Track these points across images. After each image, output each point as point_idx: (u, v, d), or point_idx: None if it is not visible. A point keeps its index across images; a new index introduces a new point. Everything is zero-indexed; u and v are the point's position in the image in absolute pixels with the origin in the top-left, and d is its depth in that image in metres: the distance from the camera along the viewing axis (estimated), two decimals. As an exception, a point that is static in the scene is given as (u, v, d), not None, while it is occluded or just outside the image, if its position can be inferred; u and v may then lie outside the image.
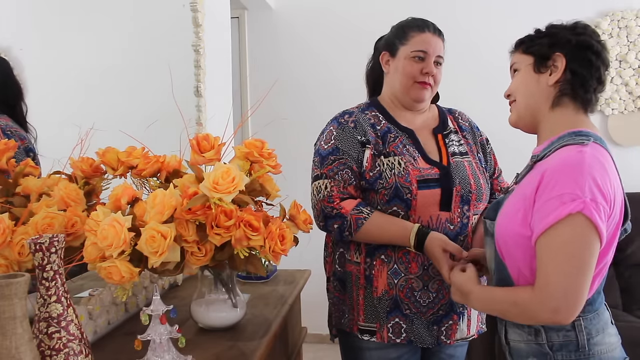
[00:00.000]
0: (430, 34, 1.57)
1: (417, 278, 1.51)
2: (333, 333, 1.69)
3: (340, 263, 1.61)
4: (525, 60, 1.26)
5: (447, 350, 1.63)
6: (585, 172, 1.08)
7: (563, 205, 1.07)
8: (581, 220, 1.06)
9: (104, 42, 1.81)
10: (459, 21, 3.44)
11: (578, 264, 1.07)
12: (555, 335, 1.19)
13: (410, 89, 1.57)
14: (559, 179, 1.10)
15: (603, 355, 1.19)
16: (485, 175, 1.63)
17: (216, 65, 2.31)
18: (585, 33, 1.23)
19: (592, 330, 1.19)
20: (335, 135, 1.57)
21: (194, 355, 1.16)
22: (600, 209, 1.07)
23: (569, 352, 1.18)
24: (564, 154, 1.14)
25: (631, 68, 3.38)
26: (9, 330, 0.87)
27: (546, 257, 1.09)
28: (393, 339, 1.53)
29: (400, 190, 1.49)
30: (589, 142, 1.15)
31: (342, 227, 1.50)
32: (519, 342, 1.25)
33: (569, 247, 1.07)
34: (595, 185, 1.08)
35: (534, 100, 1.25)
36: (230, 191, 1.13)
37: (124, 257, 1.10)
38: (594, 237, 1.07)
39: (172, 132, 1.51)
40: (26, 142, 1.43)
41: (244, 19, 3.66)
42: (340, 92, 3.33)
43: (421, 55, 1.55)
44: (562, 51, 1.21)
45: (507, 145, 2.45)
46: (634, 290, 3.15)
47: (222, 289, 1.36)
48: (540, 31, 1.27)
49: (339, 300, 1.63)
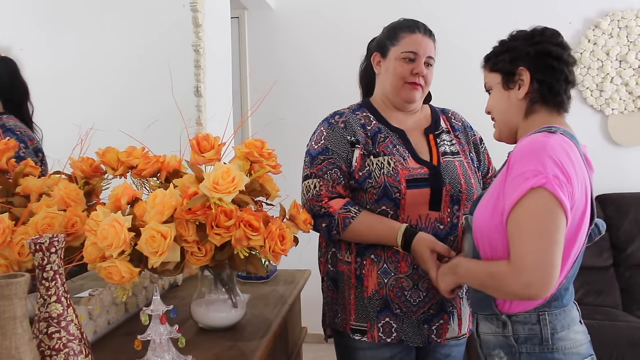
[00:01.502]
0: (421, 34, 1.57)
1: (407, 277, 1.51)
2: (327, 333, 1.69)
3: (332, 263, 1.61)
4: (494, 78, 1.33)
5: (443, 350, 1.62)
6: (548, 152, 1.14)
7: (526, 181, 1.12)
8: (544, 194, 1.11)
9: (104, 42, 1.81)
10: (453, 22, 3.45)
11: (546, 238, 1.11)
12: (521, 328, 1.23)
13: (400, 90, 1.58)
14: (522, 158, 1.16)
15: (567, 350, 1.22)
16: (478, 175, 1.63)
17: (216, 65, 2.31)
18: (542, 41, 1.26)
19: (557, 325, 1.22)
20: (325, 136, 1.57)
21: (194, 355, 1.16)
22: (563, 186, 1.12)
23: (533, 345, 1.22)
24: (529, 139, 1.21)
25: (631, 68, 3.38)
26: (9, 330, 0.87)
27: (515, 232, 1.13)
28: (383, 338, 1.53)
29: (389, 189, 1.49)
30: (557, 132, 1.20)
31: (330, 226, 1.50)
32: (488, 334, 1.29)
33: (534, 220, 1.11)
34: (556, 165, 1.13)
35: (508, 116, 1.32)
36: (230, 191, 1.13)
37: (124, 257, 1.10)
38: (558, 210, 1.11)
39: (172, 132, 1.51)
40: (35, 142, 1.43)
41: (244, 19, 3.66)
42: (340, 92, 3.31)
43: (411, 56, 1.56)
44: (524, 64, 1.26)
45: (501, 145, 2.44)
46: (634, 290, 3.15)
47: (222, 289, 1.36)
48: (502, 44, 1.32)
49: (332, 299, 1.63)
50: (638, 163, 3.42)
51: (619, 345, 2.56)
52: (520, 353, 1.23)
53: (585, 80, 3.43)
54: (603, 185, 3.28)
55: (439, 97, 1.79)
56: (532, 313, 1.22)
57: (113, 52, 1.83)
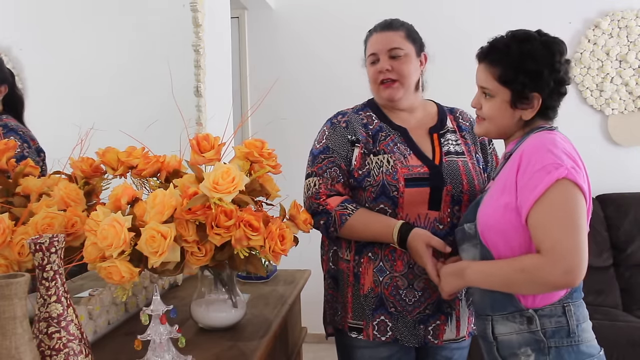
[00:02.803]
0: (377, 33, 1.61)
1: (402, 276, 1.51)
2: (328, 331, 1.69)
3: (334, 261, 1.62)
4: (502, 93, 1.30)
5: (443, 352, 1.61)
6: (559, 146, 1.21)
7: (549, 175, 1.16)
8: (568, 183, 1.16)
9: (104, 42, 1.81)
10: (456, 20, 3.44)
11: (576, 224, 1.15)
12: (547, 321, 1.22)
13: (377, 92, 1.61)
14: (537, 155, 1.20)
15: (588, 342, 1.23)
16: (483, 177, 1.62)
17: (216, 65, 2.31)
18: (561, 69, 1.27)
19: (580, 316, 1.24)
20: (327, 135, 1.59)
21: (194, 355, 1.16)
22: (580, 174, 1.18)
23: (561, 338, 1.22)
24: (536, 137, 1.26)
25: (631, 68, 3.38)
26: (9, 330, 0.87)
27: (544, 223, 1.16)
28: (378, 337, 1.53)
29: (387, 187, 1.49)
30: (556, 130, 1.29)
31: (328, 223, 1.51)
32: (509, 334, 1.26)
33: (564, 209, 1.15)
34: (569, 157, 1.19)
35: (507, 129, 1.34)
36: (230, 191, 1.13)
37: (124, 257, 1.10)
38: (580, 197, 1.17)
39: (172, 132, 1.51)
40: (37, 142, 1.44)
41: (244, 19, 3.66)
42: (340, 92, 3.32)
43: (372, 58, 1.60)
44: (541, 92, 1.27)
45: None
46: (634, 290, 3.15)
47: (222, 289, 1.36)
48: (521, 59, 1.26)
49: (332, 297, 1.64)
50: (638, 163, 3.42)
51: (619, 345, 2.56)
52: (549, 347, 1.21)
53: (585, 80, 3.43)
54: (603, 185, 3.28)
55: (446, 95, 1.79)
56: (557, 305, 1.22)
57: (113, 52, 1.83)
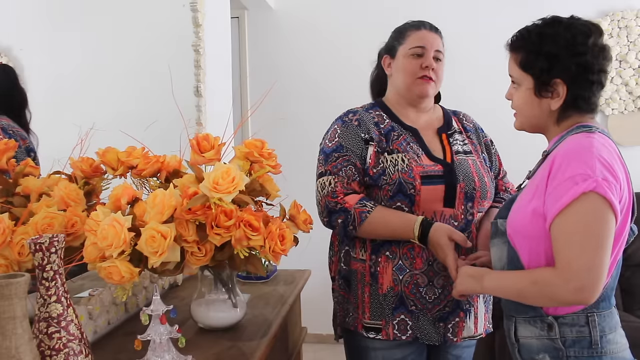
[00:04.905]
0: (427, 30, 1.60)
1: (422, 274, 1.51)
2: (338, 333, 1.69)
3: (345, 261, 1.61)
4: (525, 80, 1.24)
5: (454, 351, 1.62)
6: (594, 154, 1.11)
7: (576, 186, 1.09)
8: (595, 197, 1.08)
9: (104, 42, 1.81)
10: (452, 22, 3.43)
11: (597, 241, 1.08)
12: (568, 330, 1.18)
13: (412, 85, 1.59)
14: (569, 162, 1.12)
15: (615, 354, 1.18)
16: (490, 175, 1.64)
17: (216, 65, 2.31)
18: (585, 52, 1.17)
19: (605, 327, 1.18)
20: (339, 133, 1.59)
21: (194, 355, 1.16)
22: (612, 187, 1.09)
23: (582, 349, 1.17)
24: (572, 141, 1.17)
25: (631, 68, 3.38)
26: (9, 330, 0.87)
27: (564, 237, 1.10)
28: (399, 335, 1.53)
29: (404, 185, 1.50)
30: (596, 131, 1.17)
31: (346, 222, 1.51)
32: (530, 338, 1.24)
33: (586, 225, 1.08)
34: (604, 166, 1.10)
35: (538, 120, 1.26)
36: (230, 191, 1.13)
37: (124, 257, 1.10)
38: (609, 213, 1.09)
39: (172, 132, 1.51)
40: (27, 142, 1.43)
41: (244, 19, 3.66)
42: (340, 92, 3.33)
43: (419, 51, 1.58)
44: (562, 77, 1.18)
45: (510, 147, 2.45)
46: (634, 291, 3.15)
47: (222, 289, 1.36)
48: (538, 40, 1.21)
49: (343, 298, 1.63)
50: (638, 163, 3.42)
51: (619, 346, 2.58)
52: (568, 357, 1.18)
53: (585, 80, 3.43)
54: (603, 185, 3.27)
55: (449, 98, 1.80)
56: (581, 314, 1.17)
57: (113, 52, 1.83)
